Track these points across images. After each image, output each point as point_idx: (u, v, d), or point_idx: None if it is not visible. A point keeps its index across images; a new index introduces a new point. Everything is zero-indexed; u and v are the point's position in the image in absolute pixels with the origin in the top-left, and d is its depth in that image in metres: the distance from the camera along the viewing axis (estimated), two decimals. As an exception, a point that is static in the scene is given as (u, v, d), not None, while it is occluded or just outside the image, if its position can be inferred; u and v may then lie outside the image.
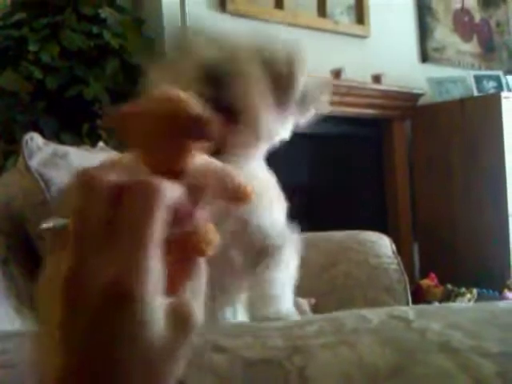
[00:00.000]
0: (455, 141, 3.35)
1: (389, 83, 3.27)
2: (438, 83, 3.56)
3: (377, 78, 3.25)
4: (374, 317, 0.53)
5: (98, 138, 2.09)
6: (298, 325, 0.55)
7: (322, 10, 3.24)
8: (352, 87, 3.09)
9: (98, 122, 2.27)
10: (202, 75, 0.73)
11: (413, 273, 3.29)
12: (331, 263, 1.46)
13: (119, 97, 2.24)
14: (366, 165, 3.41)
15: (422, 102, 3.50)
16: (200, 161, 0.37)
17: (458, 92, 3.54)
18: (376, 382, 0.45)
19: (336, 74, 3.05)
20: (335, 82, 3.03)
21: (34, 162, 1.03)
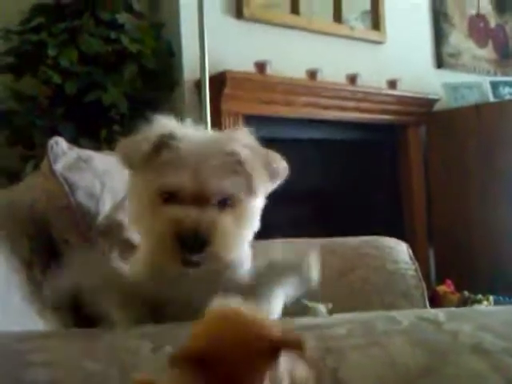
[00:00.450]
0: (471, 146, 3.34)
1: (404, 89, 3.27)
2: (453, 89, 3.55)
3: (392, 84, 3.25)
4: (403, 319, 0.53)
5: (115, 143, 2.10)
6: (327, 326, 0.56)
7: (337, 16, 3.24)
8: (367, 93, 3.09)
9: (115, 128, 2.28)
10: None
11: (429, 279, 3.27)
12: (349, 268, 1.46)
13: (137, 102, 2.25)
14: (382, 170, 3.41)
15: (437, 107, 3.49)
16: None
17: (473, 98, 3.52)
18: (408, 381, 0.46)
19: (351, 79, 3.06)
20: (350, 88, 3.03)
21: (58, 166, 1.04)
